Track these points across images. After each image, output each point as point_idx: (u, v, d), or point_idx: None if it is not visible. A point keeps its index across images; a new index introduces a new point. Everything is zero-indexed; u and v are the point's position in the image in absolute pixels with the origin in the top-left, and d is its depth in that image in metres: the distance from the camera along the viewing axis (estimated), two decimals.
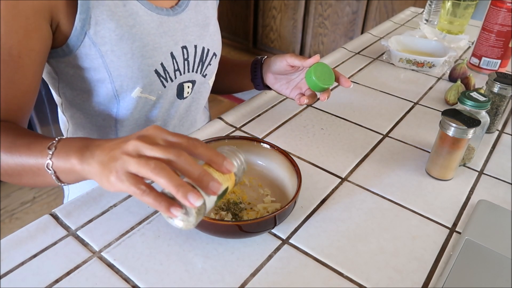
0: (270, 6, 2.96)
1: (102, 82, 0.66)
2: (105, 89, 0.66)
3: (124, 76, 0.65)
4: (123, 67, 0.64)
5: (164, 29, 0.67)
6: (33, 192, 1.87)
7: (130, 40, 0.63)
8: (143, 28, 0.64)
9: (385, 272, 0.52)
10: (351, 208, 0.62)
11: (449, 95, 0.91)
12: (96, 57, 0.62)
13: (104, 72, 0.64)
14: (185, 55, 0.71)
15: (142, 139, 0.42)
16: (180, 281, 0.50)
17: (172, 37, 0.68)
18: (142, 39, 0.64)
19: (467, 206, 0.64)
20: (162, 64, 0.68)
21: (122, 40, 0.62)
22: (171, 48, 0.69)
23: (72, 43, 0.61)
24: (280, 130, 0.80)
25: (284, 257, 0.54)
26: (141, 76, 0.66)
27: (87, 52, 0.62)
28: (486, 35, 1.04)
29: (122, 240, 0.55)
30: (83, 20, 0.59)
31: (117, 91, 0.66)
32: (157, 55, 0.67)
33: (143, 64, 0.65)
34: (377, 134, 0.80)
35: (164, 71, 0.69)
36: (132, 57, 0.64)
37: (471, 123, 0.62)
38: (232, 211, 0.58)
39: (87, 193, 0.61)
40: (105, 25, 0.61)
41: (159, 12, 0.66)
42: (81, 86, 0.67)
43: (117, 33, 0.62)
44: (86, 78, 0.66)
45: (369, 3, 2.52)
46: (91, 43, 0.61)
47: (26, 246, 0.53)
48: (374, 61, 1.11)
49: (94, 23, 0.60)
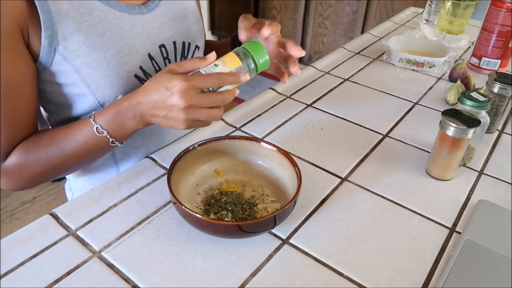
0: (270, 6, 2.96)
1: (82, 96, 0.63)
2: (87, 101, 0.64)
3: (104, 87, 0.63)
4: (101, 78, 0.62)
5: (138, 30, 0.64)
6: (33, 192, 1.87)
7: (102, 49, 0.60)
8: (115, 34, 0.62)
9: (385, 272, 0.52)
10: (351, 208, 0.62)
11: (449, 95, 0.91)
12: (71, 72, 0.60)
13: (82, 86, 0.62)
14: (164, 54, 0.69)
15: (186, 99, 0.53)
16: (180, 281, 0.50)
17: (148, 37, 0.66)
18: (115, 46, 0.62)
19: (467, 206, 0.64)
20: (141, 68, 0.65)
21: (94, 51, 0.60)
22: (148, 49, 0.66)
23: (43, 61, 0.59)
24: (280, 130, 0.80)
25: (284, 257, 0.54)
26: (121, 83, 0.64)
27: (60, 69, 0.60)
28: (486, 35, 1.04)
29: (122, 240, 0.55)
30: (50, 37, 0.57)
31: (99, 102, 0.64)
32: (134, 59, 0.64)
33: (121, 71, 0.63)
34: (377, 134, 0.80)
35: (145, 74, 0.66)
36: (108, 66, 0.61)
37: (471, 123, 0.62)
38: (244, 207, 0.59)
39: (87, 193, 0.61)
40: (73, 38, 0.58)
41: (131, 11, 0.64)
42: (61, 102, 0.65)
43: (87, 44, 0.59)
44: (65, 93, 0.64)
45: (369, 3, 2.52)
46: (63, 59, 0.59)
47: (26, 246, 0.53)
48: (374, 61, 1.11)
49: (61, 38, 0.57)
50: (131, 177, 0.65)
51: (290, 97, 0.91)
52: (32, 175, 0.61)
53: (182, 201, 0.55)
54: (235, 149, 0.65)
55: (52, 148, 0.60)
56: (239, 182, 0.64)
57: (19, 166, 0.60)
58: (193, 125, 0.57)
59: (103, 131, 0.59)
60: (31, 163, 0.60)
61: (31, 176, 0.61)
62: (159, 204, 0.61)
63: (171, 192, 0.53)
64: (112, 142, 0.60)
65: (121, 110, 0.58)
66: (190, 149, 0.62)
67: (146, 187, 0.64)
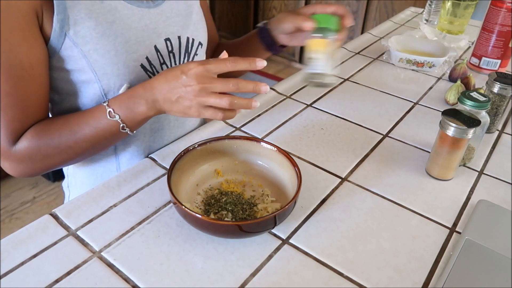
0: (270, 6, 2.96)
1: (88, 83, 0.65)
2: (92, 89, 0.65)
3: (110, 74, 0.64)
4: (108, 64, 0.63)
5: (146, 22, 0.66)
6: (33, 192, 1.87)
7: (112, 37, 0.62)
8: (124, 23, 0.63)
9: (385, 272, 0.52)
10: (351, 208, 0.62)
11: (449, 95, 0.91)
12: (79, 58, 0.61)
13: (89, 73, 0.63)
14: (169, 47, 0.70)
15: (199, 80, 0.55)
16: (180, 281, 0.50)
17: (154, 30, 0.67)
18: (124, 34, 0.63)
19: (467, 206, 0.64)
20: (147, 58, 0.67)
21: (103, 38, 0.61)
22: (154, 41, 0.68)
23: (53, 45, 0.60)
24: (280, 130, 0.80)
25: (284, 257, 0.54)
26: (127, 72, 0.65)
27: (69, 54, 0.61)
28: (486, 35, 1.04)
29: (122, 240, 0.55)
30: (61, 21, 0.58)
31: (104, 90, 0.65)
32: (141, 49, 0.66)
33: (128, 59, 0.64)
34: (377, 134, 0.80)
35: (150, 65, 0.68)
36: (116, 53, 0.63)
37: (471, 123, 0.62)
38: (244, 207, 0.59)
39: (87, 193, 0.61)
40: (84, 24, 0.60)
41: (140, 5, 0.66)
42: (67, 90, 0.66)
43: (97, 31, 0.60)
44: (71, 80, 0.65)
45: (369, 3, 2.52)
46: (72, 44, 0.60)
47: (26, 246, 0.53)
48: (374, 61, 1.11)
49: (73, 23, 0.59)
50: (131, 177, 0.65)
51: (290, 97, 0.91)
52: (42, 157, 0.62)
53: (182, 201, 0.55)
54: (235, 149, 0.65)
55: (64, 131, 0.61)
56: (239, 182, 0.64)
57: (31, 149, 0.61)
58: (204, 112, 0.58)
59: (115, 115, 0.60)
60: (42, 145, 0.61)
61: (41, 159, 0.62)
62: (159, 204, 0.61)
63: (171, 192, 0.53)
64: (122, 128, 0.61)
65: (135, 95, 0.60)
66: (190, 149, 0.62)
67: (146, 187, 0.64)
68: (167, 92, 0.58)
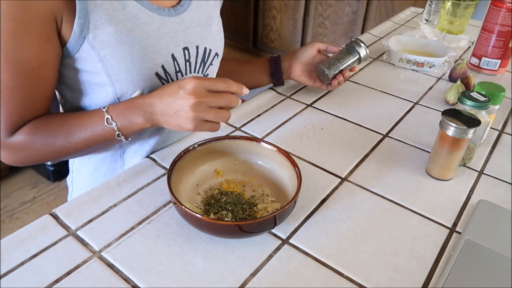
0: (270, 6, 2.96)
1: (102, 86, 0.65)
2: (105, 92, 0.66)
3: (124, 80, 0.65)
4: (123, 71, 0.64)
5: (165, 31, 0.67)
6: (33, 192, 1.87)
7: (129, 44, 0.63)
8: (142, 31, 0.64)
9: (385, 272, 0.52)
10: (351, 208, 0.62)
11: (449, 95, 0.91)
12: (95, 61, 0.62)
13: (104, 76, 0.64)
14: (187, 56, 0.71)
15: (196, 95, 0.58)
16: (180, 281, 0.50)
17: (173, 38, 0.68)
18: (141, 42, 0.64)
19: (467, 206, 0.64)
20: (163, 67, 0.67)
21: (121, 44, 0.62)
22: (172, 50, 0.68)
23: (71, 47, 0.61)
24: (280, 130, 0.80)
25: (284, 257, 0.54)
26: (141, 79, 0.66)
27: (86, 56, 0.62)
28: (486, 35, 1.04)
29: (122, 240, 0.55)
30: (82, 25, 0.59)
31: (117, 94, 0.66)
32: (158, 58, 0.66)
33: (143, 67, 0.65)
34: (377, 134, 0.80)
35: (166, 73, 0.68)
36: (131, 61, 0.63)
37: (471, 123, 0.62)
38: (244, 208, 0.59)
39: (87, 193, 0.61)
40: (104, 29, 0.60)
41: (161, 12, 0.66)
42: (80, 89, 0.67)
43: (116, 37, 0.61)
44: (86, 81, 0.66)
45: (369, 3, 2.52)
46: (90, 47, 0.61)
47: (26, 246, 0.53)
48: (374, 61, 1.11)
49: (93, 28, 0.60)
50: (131, 177, 0.65)
51: (290, 97, 0.91)
52: (35, 151, 0.64)
53: (182, 201, 0.55)
54: (235, 149, 0.65)
55: (60, 130, 0.63)
56: (239, 182, 0.64)
57: (25, 143, 0.63)
58: (201, 126, 0.60)
59: (112, 122, 0.62)
60: (37, 141, 0.63)
61: (33, 154, 0.64)
62: (159, 204, 0.61)
63: (171, 192, 0.53)
64: (118, 135, 0.63)
65: (134, 106, 0.62)
66: (190, 149, 0.62)
67: (146, 187, 0.64)
68: (165, 106, 0.60)
